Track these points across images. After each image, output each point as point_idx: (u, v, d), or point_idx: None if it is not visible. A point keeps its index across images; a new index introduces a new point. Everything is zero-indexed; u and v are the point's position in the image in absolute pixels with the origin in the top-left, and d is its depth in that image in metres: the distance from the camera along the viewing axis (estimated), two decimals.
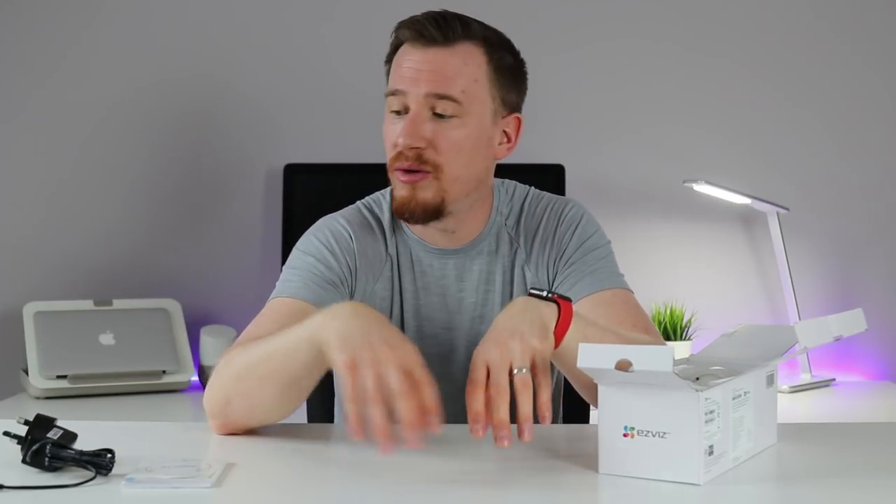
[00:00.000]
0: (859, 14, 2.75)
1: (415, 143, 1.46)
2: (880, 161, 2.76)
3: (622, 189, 2.75)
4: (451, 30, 1.48)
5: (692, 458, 1.10)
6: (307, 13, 2.77)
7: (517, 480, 1.18)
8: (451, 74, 1.47)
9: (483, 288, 1.57)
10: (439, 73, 1.47)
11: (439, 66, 1.47)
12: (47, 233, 2.76)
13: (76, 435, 1.21)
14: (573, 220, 1.58)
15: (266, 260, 2.74)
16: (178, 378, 2.53)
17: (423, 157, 1.47)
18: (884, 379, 2.73)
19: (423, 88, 1.46)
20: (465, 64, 1.48)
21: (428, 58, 1.47)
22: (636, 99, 2.76)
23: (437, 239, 1.57)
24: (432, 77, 1.46)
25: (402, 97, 1.48)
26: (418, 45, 1.48)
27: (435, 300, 1.57)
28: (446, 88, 1.46)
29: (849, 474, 1.18)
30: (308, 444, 1.36)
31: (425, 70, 1.47)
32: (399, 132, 1.47)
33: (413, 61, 1.48)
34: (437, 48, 1.47)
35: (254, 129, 2.77)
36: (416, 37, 1.48)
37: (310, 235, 1.59)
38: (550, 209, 1.60)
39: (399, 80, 1.48)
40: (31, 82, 2.76)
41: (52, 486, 1.04)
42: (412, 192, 1.48)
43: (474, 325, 1.56)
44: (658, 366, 1.07)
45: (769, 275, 2.75)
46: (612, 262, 1.58)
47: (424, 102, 1.47)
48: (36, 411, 1.23)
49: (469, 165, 1.50)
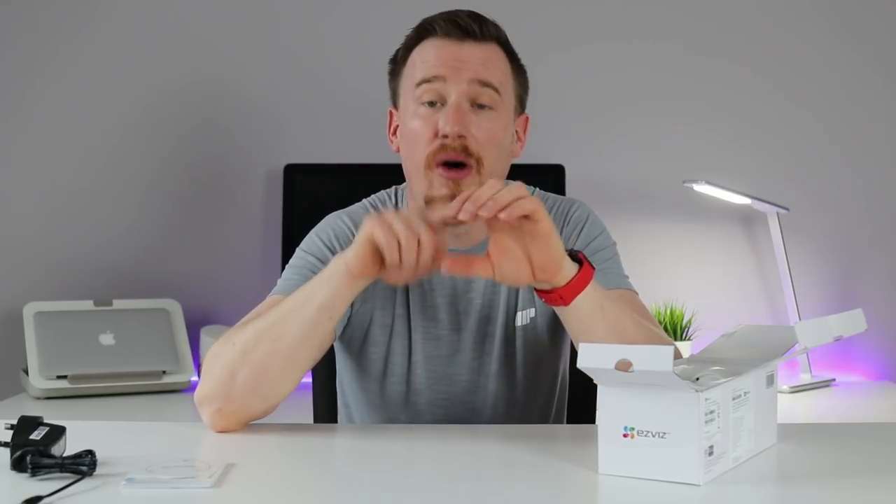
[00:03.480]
0: (859, 14, 2.75)
1: (463, 132, 1.44)
2: (880, 161, 2.76)
3: (622, 189, 2.75)
4: (486, 27, 1.49)
5: (692, 458, 1.10)
6: (307, 14, 2.77)
7: (517, 480, 1.18)
8: (490, 66, 1.48)
9: (490, 290, 1.56)
10: (479, 62, 1.47)
11: (479, 56, 1.47)
12: (47, 233, 2.76)
13: (64, 429, 1.20)
14: (579, 220, 1.58)
15: (266, 260, 2.74)
16: (178, 378, 2.54)
17: (468, 148, 1.45)
18: (884, 379, 2.73)
19: (467, 75, 1.46)
20: (497, 59, 1.49)
21: (465, 49, 1.47)
22: (636, 99, 2.76)
23: (448, 240, 1.56)
24: (475, 66, 1.47)
25: (439, 85, 1.46)
26: (453, 39, 1.47)
27: (442, 301, 1.56)
28: (490, 76, 1.47)
29: (849, 474, 1.18)
30: (308, 444, 1.36)
31: (466, 60, 1.46)
32: (443, 121, 1.44)
33: (452, 51, 1.47)
34: (473, 43, 1.48)
35: (254, 129, 2.77)
36: (452, 28, 1.47)
37: (313, 235, 1.58)
38: (556, 209, 1.60)
39: (437, 68, 1.46)
40: (31, 83, 2.76)
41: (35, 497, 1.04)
42: (457, 190, 1.44)
43: (481, 327, 1.56)
44: (658, 366, 1.07)
45: (769, 275, 2.75)
46: (618, 262, 1.58)
47: (466, 91, 1.46)
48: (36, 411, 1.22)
49: (499, 160, 1.50)
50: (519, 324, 1.55)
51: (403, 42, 1.53)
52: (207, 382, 1.38)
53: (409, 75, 1.50)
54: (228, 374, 1.36)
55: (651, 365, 1.07)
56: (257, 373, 1.36)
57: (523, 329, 1.56)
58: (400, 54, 1.53)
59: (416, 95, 1.48)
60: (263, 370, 1.36)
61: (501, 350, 1.55)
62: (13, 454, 1.15)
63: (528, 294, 1.55)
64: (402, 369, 1.56)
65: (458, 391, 1.56)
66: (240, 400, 1.36)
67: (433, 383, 1.55)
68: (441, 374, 1.55)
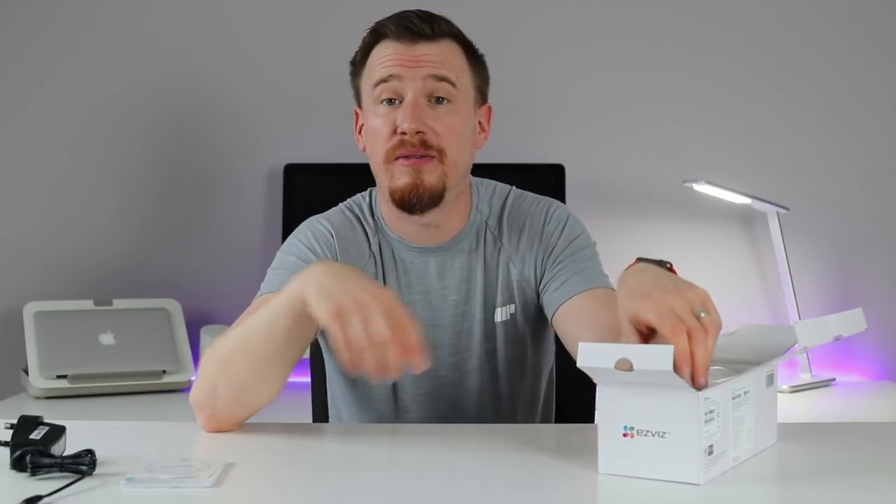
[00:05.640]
0: (859, 14, 2.75)
1: (420, 127, 1.48)
2: (880, 161, 2.76)
3: (622, 189, 2.75)
4: (437, 25, 1.52)
5: (692, 457, 1.10)
6: (307, 13, 2.77)
7: (517, 480, 1.18)
8: (444, 61, 1.51)
9: (465, 286, 1.58)
10: (434, 58, 1.51)
11: (432, 54, 1.51)
12: (47, 233, 2.76)
13: (64, 428, 1.20)
14: (560, 220, 1.61)
15: (266, 260, 2.70)
16: (178, 378, 2.54)
17: (427, 142, 1.49)
18: (884, 379, 2.73)
19: (422, 72, 1.49)
20: (452, 55, 1.53)
21: (418, 49, 1.51)
22: (636, 98, 2.76)
23: (419, 237, 1.58)
24: (429, 62, 1.50)
25: (396, 84, 1.50)
26: (405, 41, 1.51)
27: (418, 297, 1.58)
28: (445, 71, 1.51)
29: (849, 474, 1.18)
30: (308, 444, 1.36)
31: (421, 57, 1.50)
32: (401, 118, 1.48)
33: (405, 51, 1.51)
34: (426, 42, 1.51)
35: (254, 129, 2.77)
36: (404, 32, 1.51)
37: (292, 238, 1.62)
38: (536, 207, 1.62)
39: (392, 67, 1.50)
40: (30, 82, 2.76)
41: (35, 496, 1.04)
42: (418, 177, 1.49)
43: (456, 322, 1.58)
44: (658, 365, 1.07)
45: (769, 275, 2.75)
46: (599, 262, 1.61)
47: (422, 88, 1.49)
48: (36, 411, 1.22)
49: (462, 151, 1.53)
50: (498, 320, 1.58)
51: (360, 44, 1.57)
52: (197, 391, 1.39)
53: (367, 77, 1.54)
54: (211, 386, 1.38)
55: (651, 364, 1.07)
56: (236, 387, 1.37)
57: (503, 325, 1.58)
58: (358, 56, 1.57)
59: (375, 95, 1.52)
60: (240, 384, 1.37)
61: (481, 346, 1.58)
62: (13, 454, 1.15)
63: (508, 291, 1.58)
64: None
65: (439, 387, 1.58)
66: (225, 409, 1.38)
67: (415, 379, 1.57)
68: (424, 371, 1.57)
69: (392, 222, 1.59)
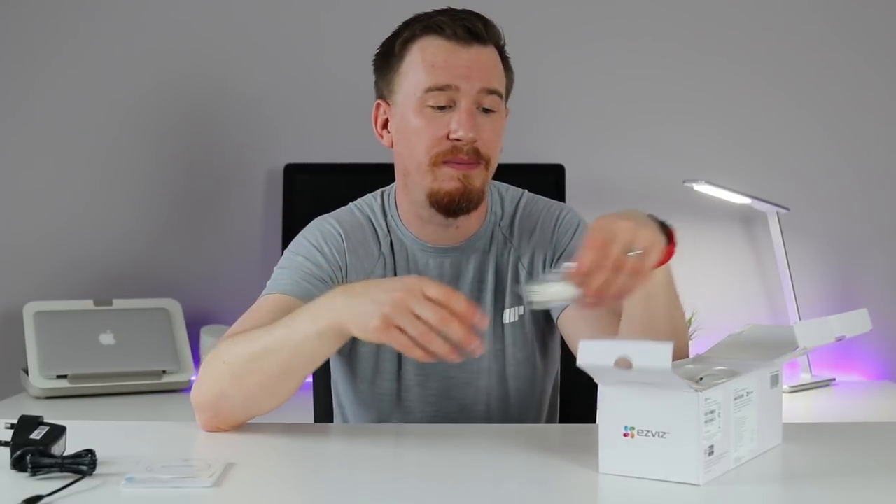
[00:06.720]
0: (859, 14, 2.75)
1: (477, 136, 1.48)
2: (880, 161, 2.76)
3: (622, 189, 2.75)
4: (490, 29, 1.52)
5: (692, 458, 1.10)
6: (307, 13, 2.77)
7: (517, 479, 1.18)
8: (494, 71, 1.52)
9: (477, 286, 1.58)
10: (486, 69, 1.51)
11: (485, 62, 1.51)
12: (47, 233, 2.76)
13: (64, 428, 1.20)
14: (571, 224, 1.61)
15: (266, 260, 2.73)
16: (178, 378, 2.53)
17: (479, 151, 1.49)
18: (884, 379, 2.73)
19: (477, 84, 1.49)
20: (498, 63, 1.53)
21: (473, 55, 1.50)
22: (636, 98, 2.76)
23: (438, 237, 1.57)
24: (483, 73, 1.50)
25: (451, 93, 1.48)
26: (460, 42, 1.49)
27: None
28: (495, 84, 1.51)
29: (849, 474, 1.18)
30: (308, 444, 1.36)
31: (475, 67, 1.49)
32: (456, 125, 1.47)
33: (460, 57, 1.49)
34: (479, 46, 1.50)
35: (254, 129, 2.77)
36: (461, 32, 1.49)
37: (300, 237, 1.60)
38: (547, 211, 1.63)
39: (449, 76, 1.48)
40: (31, 82, 2.76)
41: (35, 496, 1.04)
42: (468, 182, 1.49)
43: None
44: (657, 362, 1.07)
45: (769, 275, 2.75)
46: None
47: (476, 98, 1.49)
48: (36, 411, 1.22)
49: (498, 157, 1.55)
50: (507, 321, 1.58)
51: (399, 34, 1.53)
52: (200, 393, 1.38)
53: (412, 74, 1.50)
54: (218, 393, 1.37)
55: (650, 361, 1.07)
56: (245, 398, 1.37)
57: (511, 326, 1.58)
58: (397, 48, 1.52)
59: (424, 98, 1.49)
60: (251, 397, 1.36)
61: (490, 347, 1.57)
62: (13, 453, 1.15)
63: (517, 292, 1.58)
64: (392, 367, 1.57)
65: (448, 388, 1.58)
66: (229, 413, 1.38)
67: (423, 380, 1.57)
68: (430, 371, 1.57)
69: (411, 222, 1.58)
